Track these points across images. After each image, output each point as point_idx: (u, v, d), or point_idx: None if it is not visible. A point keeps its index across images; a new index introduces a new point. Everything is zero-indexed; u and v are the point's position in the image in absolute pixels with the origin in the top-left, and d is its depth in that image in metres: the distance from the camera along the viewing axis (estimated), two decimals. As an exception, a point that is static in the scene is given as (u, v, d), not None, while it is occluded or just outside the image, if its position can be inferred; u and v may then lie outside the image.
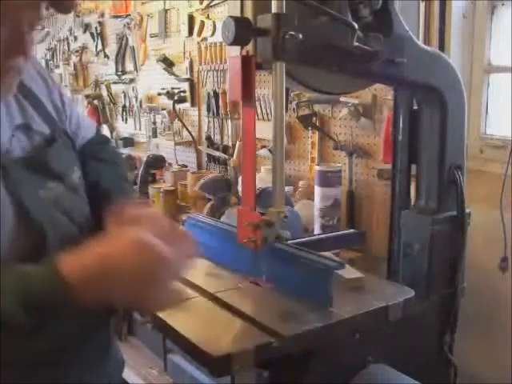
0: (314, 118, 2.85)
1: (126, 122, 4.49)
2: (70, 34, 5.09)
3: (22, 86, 1.12)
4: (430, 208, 1.49)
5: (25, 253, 0.98)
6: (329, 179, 2.59)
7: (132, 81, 4.38)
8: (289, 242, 1.28)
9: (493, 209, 2.08)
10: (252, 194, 1.23)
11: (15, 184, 1.02)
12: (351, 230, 1.97)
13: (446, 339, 1.50)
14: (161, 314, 1.13)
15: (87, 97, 4.71)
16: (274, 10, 1.10)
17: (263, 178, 2.84)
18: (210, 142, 3.65)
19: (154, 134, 4.15)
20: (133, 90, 4.38)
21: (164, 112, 4.00)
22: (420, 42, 1.41)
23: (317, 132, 2.88)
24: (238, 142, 3.28)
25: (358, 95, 2.57)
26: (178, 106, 3.77)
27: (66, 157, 1.17)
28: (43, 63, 5.18)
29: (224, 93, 3.47)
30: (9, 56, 0.98)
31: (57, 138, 1.15)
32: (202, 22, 3.53)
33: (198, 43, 3.60)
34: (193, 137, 3.77)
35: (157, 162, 3.68)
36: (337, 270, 1.15)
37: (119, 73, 4.47)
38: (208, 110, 3.63)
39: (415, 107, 1.53)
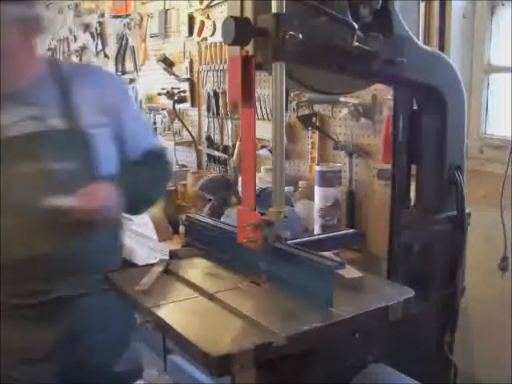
0: (314, 118, 2.85)
1: (126, 122, 4.49)
2: (70, 33, 5.10)
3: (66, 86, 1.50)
4: (430, 208, 1.49)
5: None
6: (329, 179, 2.59)
7: (132, 81, 4.38)
8: (289, 241, 1.28)
9: (493, 209, 2.08)
10: (252, 194, 1.23)
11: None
12: (351, 230, 1.97)
13: (446, 339, 1.50)
14: (161, 314, 1.13)
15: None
16: (274, 9, 1.10)
17: (263, 178, 2.85)
18: (210, 142, 3.64)
19: (154, 134, 4.14)
20: (133, 89, 4.38)
21: (164, 112, 4.00)
22: (420, 42, 1.41)
23: (317, 132, 2.88)
24: (237, 142, 3.28)
25: (358, 95, 2.57)
26: (177, 106, 3.77)
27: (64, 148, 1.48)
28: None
29: (224, 93, 3.47)
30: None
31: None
32: (202, 22, 3.53)
33: (198, 43, 3.61)
34: (193, 137, 3.77)
35: (157, 162, 3.68)
36: (337, 270, 1.15)
37: (119, 73, 4.47)
38: (208, 109, 3.62)
39: (415, 107, 1.53)
